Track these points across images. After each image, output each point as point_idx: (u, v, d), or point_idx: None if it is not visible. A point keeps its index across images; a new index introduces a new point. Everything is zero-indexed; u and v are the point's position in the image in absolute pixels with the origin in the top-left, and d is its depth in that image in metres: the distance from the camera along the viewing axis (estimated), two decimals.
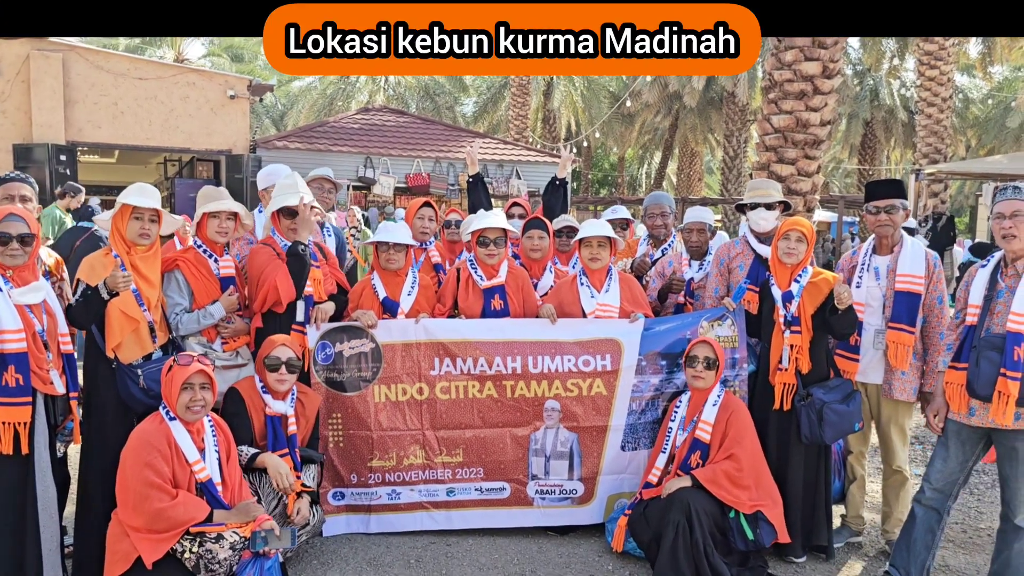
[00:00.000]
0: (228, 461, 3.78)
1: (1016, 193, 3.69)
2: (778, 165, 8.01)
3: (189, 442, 3.63)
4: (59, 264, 4.05)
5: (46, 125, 14.87)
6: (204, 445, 3.70)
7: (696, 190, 32.20)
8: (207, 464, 3.66)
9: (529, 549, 4.48)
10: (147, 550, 3.43)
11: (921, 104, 18.83)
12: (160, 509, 3.45)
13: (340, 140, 17.74)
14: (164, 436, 3.58)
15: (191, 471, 3.60)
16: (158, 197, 4.08)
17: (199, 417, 3.68)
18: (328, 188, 5.52)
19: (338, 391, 4.58)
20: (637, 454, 4.65)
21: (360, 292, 4.75)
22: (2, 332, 3.38)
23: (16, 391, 3.39)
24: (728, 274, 4.84)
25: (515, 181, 17.47)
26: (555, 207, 5.87)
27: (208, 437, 3.74)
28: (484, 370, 4.60)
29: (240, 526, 3.58)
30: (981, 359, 3.66)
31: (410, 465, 4.62)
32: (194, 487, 3.61)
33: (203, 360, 3.70)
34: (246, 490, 3.85)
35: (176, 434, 3.61)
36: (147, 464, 3.50)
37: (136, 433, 3.63)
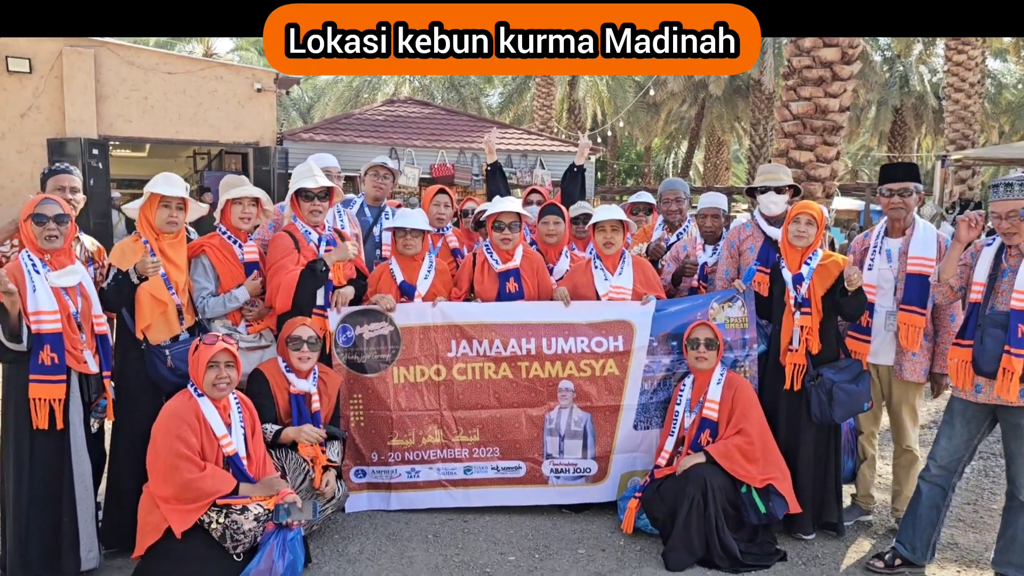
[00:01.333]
0: (253, 436, 3.94)
1: (1008, 192, 3.73)
2: (797, 151, 8.02)
3: (217, 417, 3.79)
4: (100, 252, 4.25)
5: (79, 120, 15.19)
6: (231, 421, 3.86)
7: (723, 179, 31.99)
8: (233, 439, 3.82)
9: (544, 526, 4.61)
10: (176, 520, 3.60)
11: (948, 90, 18.59)
12: (189, 480, 3.62)
13: (365, 132, 17.93)
14: (193, 411, 3.74)
15: (219, 445, 3.76)
16: (184, 186, 4.23)
17: (225, 394, 3.84)
18: (384, 174, 5.62)
19: (359, 373, 4.72)
20: (649, 433, 4.76)
21: (378, 277, 4.88)
22: (38, 313, 3.58)
23: (51, 369, 3.59)
24: (739, 256, 4.91)
25: (539, 171, 17.56)
26: (573, 194, 5.97)
27: (234, 413, 3.90)
28: (499, 352, 4.73)
29: (264, 499, 3.75)
30: (986, 336, 3.72)
31: (428, 444, 4.76)
32: (221, 460, 3.77)
33: (228, 339, 3.87)
34: (270, 465, 4.01)
35: (204, 409, 3.77)
36: (177, 436, 3.66)
37: (167, 408, 3.80)
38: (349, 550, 4.23)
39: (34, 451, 3.64)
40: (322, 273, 4.46)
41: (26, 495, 3.63)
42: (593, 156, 20.29)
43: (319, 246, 4.62)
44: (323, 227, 4.68)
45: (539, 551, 4.28)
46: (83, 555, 3.77)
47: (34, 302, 3.58)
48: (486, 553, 4.24)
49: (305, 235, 4.59)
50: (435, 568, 4.06)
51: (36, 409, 3.58)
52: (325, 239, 4.66)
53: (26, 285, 3.58)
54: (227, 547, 3.64)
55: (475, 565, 4.10)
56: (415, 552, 4.23)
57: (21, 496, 3.62)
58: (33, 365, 3.57)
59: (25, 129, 15.15)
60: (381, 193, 5.58)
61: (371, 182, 5.56)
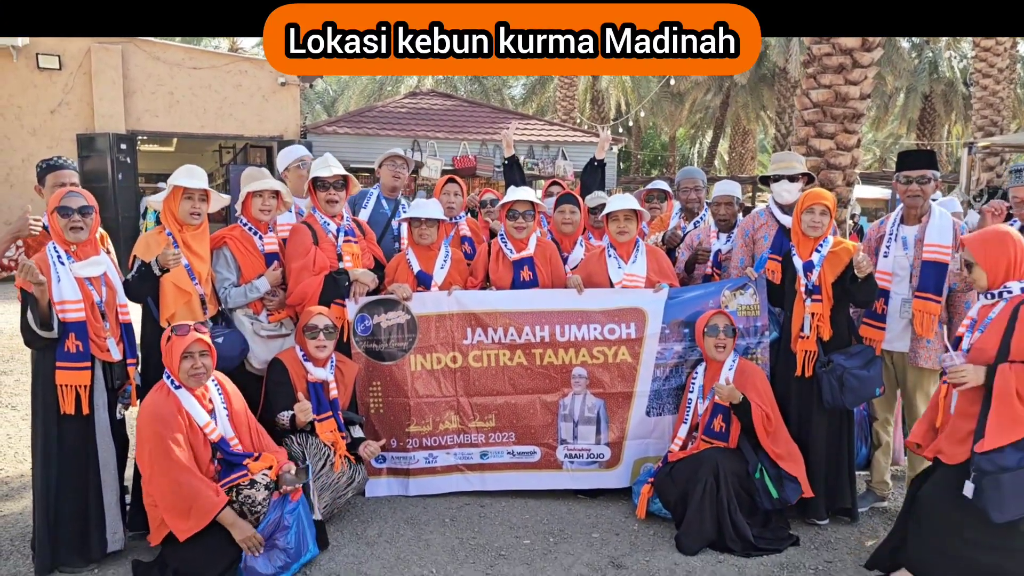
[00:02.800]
0: (235, 415, 3.94)
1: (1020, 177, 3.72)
2: (817, 139, 7.96)
3: (197, 407, 3.76)
4: (104, 237, 4.31)
5: (107, 115, 15.45)
6: (212, 406, 3.87)
7: (749, 168, 31.72)
8: (217, 424, 3.83)
9: (559, 510, 4.67)
10: (179, 530, 3.63)
11: (976, 75, 18.30)
12: (177, 502, 3.63)
13: (388, 124, 18.05)
14: (174, 405, 3.72)
15: (203, 434, 3.77)
16: (205, 178, 4.33)
17: (202, 383, 3.81)
18: (400, 164, 5.70)
19: (377, 361, 4.82)
20: (662, 419, 4.81)
21: (395, 266, 4.97)
22: (63, 303, 3.70)
23: (76, 357, 3.71)
24: (752, 244, 4.94)
25: (561, 162, 17.59)
26: (592, 187, 6.00)
27: (215, 397, 3.90)
28: (514, 339, 4.80)
29: (267, 469, 3.82)
30: None
31: (445, 430, 4.85)
32: (209, 447, 3.79)
33: (200, 329, 3.83)
34: (265, 436, 4.06)
35: (184, 402, 3.74)
36: (170, 438, 3.64)
37: (147, 406, 3.75)
38: (368, 533, 4.32)
39: (61, 436, 3.75)
40: (345, 286, 4.59)
41: (55, 479, 3.75)
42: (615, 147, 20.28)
43: (338, 236, 4.71)
44: (341, 217, 4.78)
45: (554, 535, 4.35)
46: (109, 538, 3.90)
47: (59, 292, 3.69)
48: (502, 536, 4.32)
49: (324, 226, 4.69)
50: (451, 551, 4.14)
51: (63, 395, 3.70)
52: (343, 229, 4.75)
53: (51, 276, 3.70)
54: (249, 520, 3.72)
55: (491, 548, 4.18)
56: (432, 535, 4.31)
57: (49, 480, 3.74)
58: (59, 352, 3.69)
59: (55, 125, 15.45)
60: (397, 183, 5.66)
61: (387, 172, 5.65)
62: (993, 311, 3.45)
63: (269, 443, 4.05)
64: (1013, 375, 3.25)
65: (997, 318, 3.42)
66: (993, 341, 3.39)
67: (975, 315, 3.56)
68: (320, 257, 4.59)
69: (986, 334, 3.43)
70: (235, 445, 3.87)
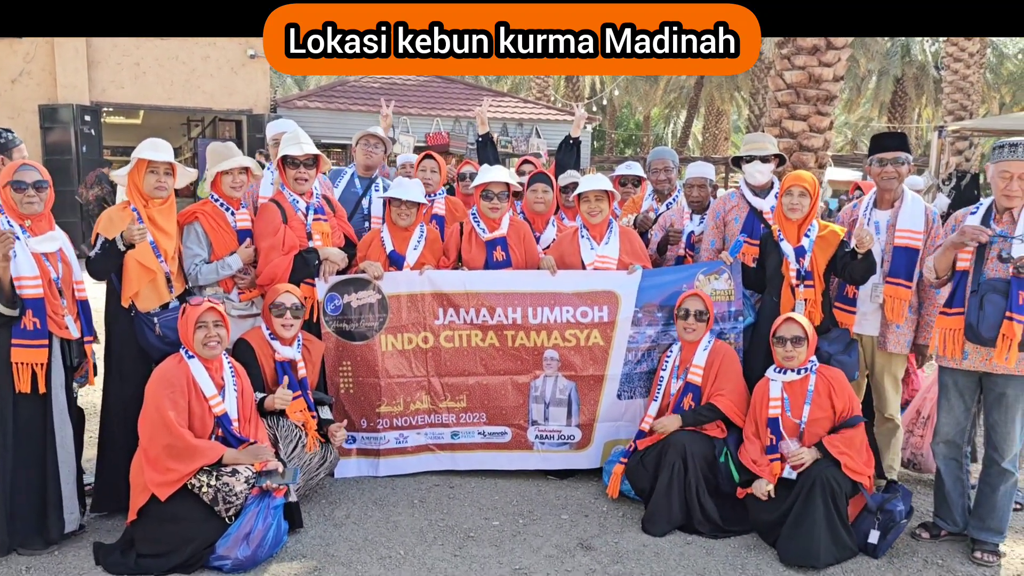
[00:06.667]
0: (244, 399, 3.98)
1: (1013, 152, 3.73)
2: (790, 121, 8.00)
3: (207, 378, 3.81)
4: None
5: (70, 86, 15.07)
6: (223, 382, 3.89)
7: (722, 149, 31.85)
8: (225, 400, 3.85)
9: (529, 491, 4.67)
10: (159, 488, 3.62)
11: (947, 60, 18.46)
12: (172, 443, 3.65)
13: (360, 99, 17.83)
14: (183, 373, 3.77)
15: (208, 406, 3.79)
16: (171, 151, 4.22)
17: (216, 353, 3.86)
18: (374, 143, 5.60)
19: (348, 340, 4.76)
20: (633, 402, 4.80)
21: (368, 244, 4.90)
22: (20, 279, 3.59)
23: (33, 334, 3.61)
24: (724, 227, 4.92)
25: (535, 140, 17.53)
26: (567, 165, 5.94)
27: (228, 375, 3.93)
28: (486, 320, 4.76)
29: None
30: (986, 303, 3.72)
31: (416, 410, 4.81)
32: (212, 421, 3.80)
33: (213, 300, 3.90)
34: (263, 430, 4.04)
35: (195, 371, 3.80)
36: (169, 400, 3.69)
37: (157, 371, 3.83)
38: (336, 514, 4.29)
39: (17, 415, 3.66)
40: (315, 265, 4.52)
41: (10, 459, 3.67)
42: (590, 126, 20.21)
43: (307, 215, 4.61)
44: (310, 195, 4.68)
45: (523, 516, 4.34)
46: (66, 518, 3.82)
47: (15, 268, 3.58)
48: (471, 518, 4.30)
49: (293, 204, 4.58)
50: (420, 532, 4.11)
51: (19, 373, 3.61)
52: (312, 207, 4.66)
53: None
54: (218, 510, 3.66)
55: (459, 529, 4.16)
56: (400, 516, 4.28)
57: (6, 459, 3.65)
58: (15, 330, 3.59)
59: (16, 95, 15.04)
60: (372, 162, 5.57)
61: (361, 151, 5.55)
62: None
63: (263, 438, 4.03)
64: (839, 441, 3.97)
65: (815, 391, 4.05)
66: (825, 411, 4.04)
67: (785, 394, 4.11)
68: (289, 236, 4.50)
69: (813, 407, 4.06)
70: (236, 428, 3.87)
